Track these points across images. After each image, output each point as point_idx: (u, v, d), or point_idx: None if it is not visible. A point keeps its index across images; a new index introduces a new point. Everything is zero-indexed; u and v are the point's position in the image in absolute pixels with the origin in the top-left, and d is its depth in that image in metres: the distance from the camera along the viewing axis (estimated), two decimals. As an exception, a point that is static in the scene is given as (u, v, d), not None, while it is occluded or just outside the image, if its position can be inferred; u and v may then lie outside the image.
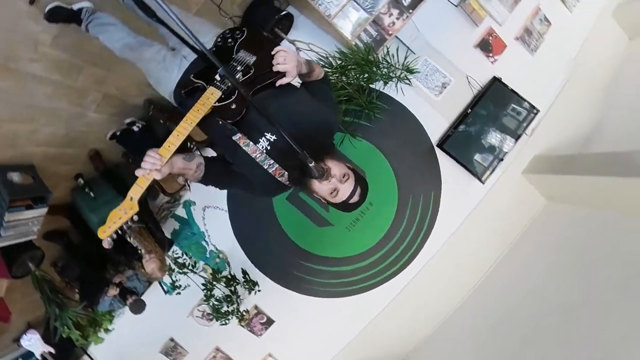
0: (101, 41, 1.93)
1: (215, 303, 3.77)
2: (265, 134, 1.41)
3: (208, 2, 2.72)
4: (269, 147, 1.41)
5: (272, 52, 1.41)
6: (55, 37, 1.98)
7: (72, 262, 3.40)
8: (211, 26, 1.77)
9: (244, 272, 3.81)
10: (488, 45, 3.72)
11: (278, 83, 1.42)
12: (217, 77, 1.36)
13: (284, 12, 3.28)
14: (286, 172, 1.46)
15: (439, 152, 3.70)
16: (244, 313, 3.85)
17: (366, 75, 3.20)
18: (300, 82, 1.61)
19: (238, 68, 1.46)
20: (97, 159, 3.03)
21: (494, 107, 3.62)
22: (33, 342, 2.90)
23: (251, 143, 1.40)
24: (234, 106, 1.36)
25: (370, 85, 3.31)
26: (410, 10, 3.34)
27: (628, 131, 3.22)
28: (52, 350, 2.96)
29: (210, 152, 3.34)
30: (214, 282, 3.75)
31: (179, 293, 3.81)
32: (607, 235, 2.86)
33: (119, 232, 1.24)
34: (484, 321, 3.40)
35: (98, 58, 2.31)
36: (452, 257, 3.76)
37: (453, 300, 3.81)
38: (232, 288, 3.76)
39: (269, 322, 3.97)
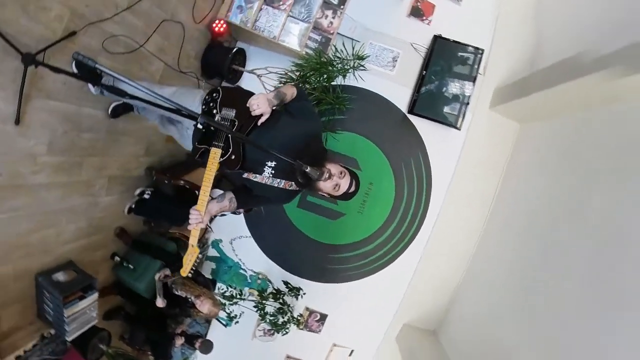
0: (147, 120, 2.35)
1: (271, 318, 3.77)
2: (266, 163, 1.63)
3: (168, 67, 2.72)
4: (273, 172, 1.63)
5: (247, 105, 1.57)
6: (49, 144, 1.97)
7: (135, 330, 3.40)
8: (191, 90, 1.92)
9: (286, 283, 3.81)
10: (419, 11, 3.72)
11: (260, 122, 1.60)
12: (199, 125, 1.47)
13: (234, 49, 3.29)
14: (293, 182, 1.65)
15: (412, 118, 3.71)
16: (299, 317, 3.85)
17: (325, 76, 3.20)
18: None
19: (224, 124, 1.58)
20: (123, 234, 3.02)
21: (444, 61, 3.62)
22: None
23: (257, 175, 1.62)
24: (233, 157, 1.57)
25: (332, 83, 3.31)
26: (342, 6, 3.34)
27: (565, 39, 3.21)
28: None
29: (218, 192, 3.34)
30: (263, 301, 3.76)
31: (237, 322, 3.81)
32: (580, 133, 2.87)
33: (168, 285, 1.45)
34: (505, 247, 3.40)
35: (92, 149, 2.31)
36: (457, 203, 3.77)
37: (471, 240, 3.81)
38: (281, 300, 3.76)
39: (323, 317, 3.97)
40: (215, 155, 1.49)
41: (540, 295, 2.68)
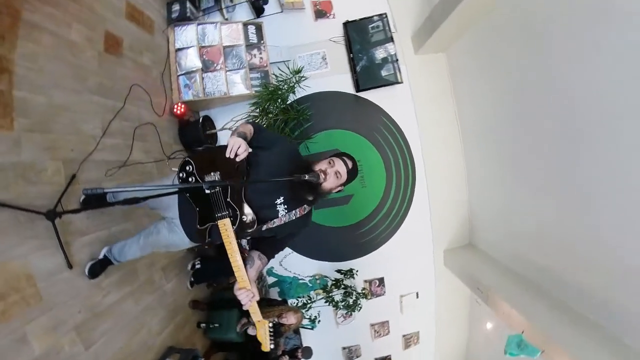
0: (129, 260, 1.93)
1: (342, 303, 3.77)
2: (275, 202, 1.38)
3: (158, 161, 2.72)
4: (286, 207, 1.39)
5: (227, 155, 1.25)
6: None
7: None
8: (162, 179, 1.68)
9: (339, 271, 3.81)
10: (322, 12, 3.72)
11: (240, 159, 1.28)
12: (207, 191, 1.21)
13: (200, 119, 3.28)
14: (305, 205, 1.44)
15: (362, 94, 3.70)
16: (363, 291, 3.85)
17: (279, 100, 3.20)
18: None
19: (217, 190, 1.26)
20: (197, 304, 3.02)
21: (362, 38, 3.61)
22: None
23: (275, 220, 1.38)
24: (244, 217, 1.28)
25: (288, 102, 3.31)
26: (261, 41, 3.35)
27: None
28: None
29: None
30: (330, 294, 3.76)
31: (319, 321, 3.81)
32: (493, 32, 2.87)
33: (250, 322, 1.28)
34: (486, 147, 3.40)
35: (137, 254, 2.31)
36: (432, 138, 3.77)
37: (458, 158, 3.81)
38: (342, 286, 3.76)
39: (381, 281, 3.97)
40: (225, 226, 1.21)
41: (532, 166, 2.71)
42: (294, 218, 1.40)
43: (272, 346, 1.27)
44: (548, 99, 2.39)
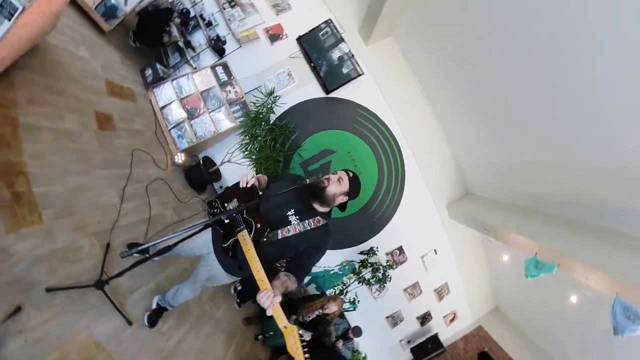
0: (181, 302, 1.93)
1: (373, 280, 3.77)
2: (287, 215, 1.40)
3: (176, 209, 2.72)
4: (297, 217, 1.40)
5: (241, 186, 1.39)
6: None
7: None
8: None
9: (361, 252, 3.81)
10: (274, 36, 3.71)
11: (250, 184, 1.39)
12: (225, 221, 1.30)
13: (200, 161, 3.29)
14: (317, 217, 1.42)
15: (332, 95, 3.69)
16: (389, 263, 3.85)
17: (263, 122, 3.21)
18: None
19: (239, 217, 1.35)
20: (249, 320, 3.03)
21: (316, 47, 3.61)
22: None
23: (289, 228, 1.37)
24: (259, 225, 1.31)
25: (271, 122, 3.31)
26: (231, 77, 3.35)
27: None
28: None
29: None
30: (360, 275, 3.76)
31: (359, 301, 3.81)
32: (428, 4, 2.87)
33: (300, 321, 1.23)
34: (455, 106, 3.40)
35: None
36: (405, 114, 3.77)
37: (434, 122, 3.82)
38: (368, 264, 3.76)
39: (401, 250, 3.97)
40: (244, 236, 1.26)
41: (492, 108, 2.72)
42: (308, 228, 1.39)
43: (304, 333, 1.09)
44: (492, 47, 2.39)
